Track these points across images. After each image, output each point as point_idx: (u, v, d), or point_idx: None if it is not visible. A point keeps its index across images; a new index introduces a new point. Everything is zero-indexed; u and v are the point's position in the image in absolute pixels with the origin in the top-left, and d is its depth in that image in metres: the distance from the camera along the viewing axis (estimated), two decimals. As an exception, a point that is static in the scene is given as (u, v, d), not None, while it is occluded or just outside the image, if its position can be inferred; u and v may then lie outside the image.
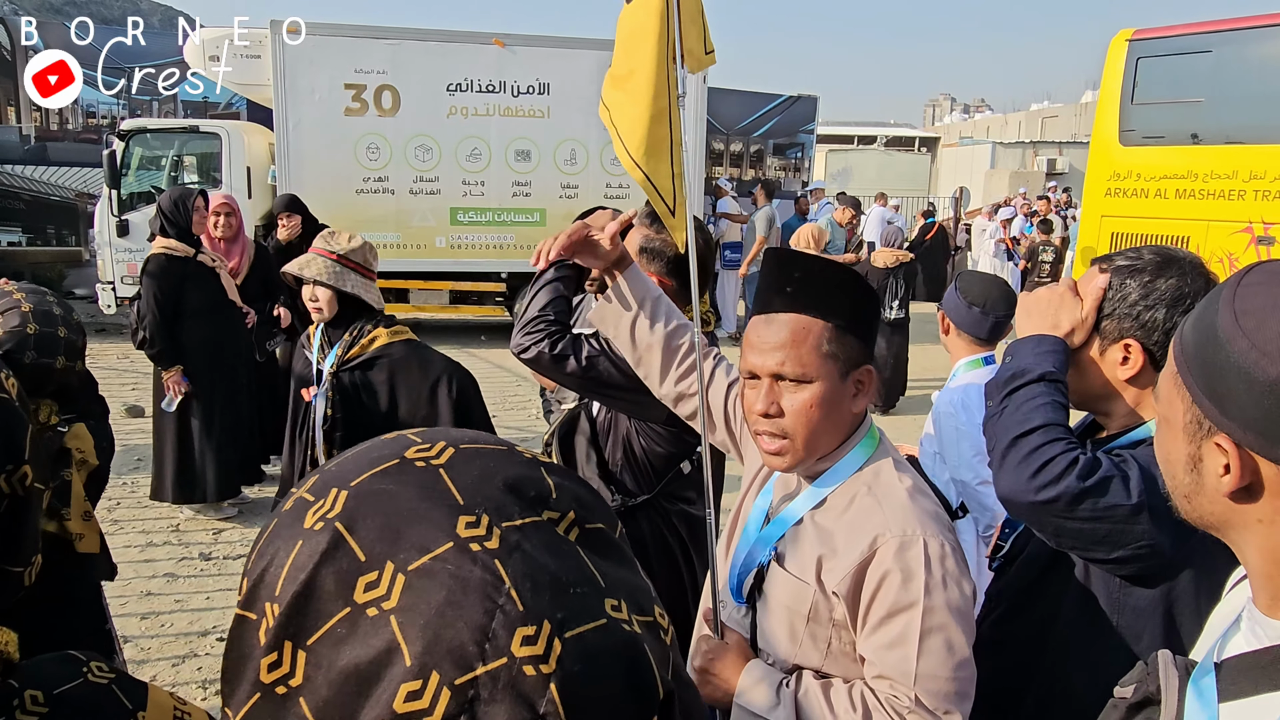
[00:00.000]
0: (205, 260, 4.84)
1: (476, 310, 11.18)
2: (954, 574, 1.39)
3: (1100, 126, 10.96)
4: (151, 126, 10.48)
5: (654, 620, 0.54)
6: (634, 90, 1.88)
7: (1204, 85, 10.03)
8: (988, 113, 64.34)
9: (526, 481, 0.55)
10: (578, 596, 0.50)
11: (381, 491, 0.52)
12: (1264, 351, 0.77)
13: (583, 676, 0.47)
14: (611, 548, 0.56)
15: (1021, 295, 1.62)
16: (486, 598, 0.48)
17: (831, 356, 1.44)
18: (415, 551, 0.49)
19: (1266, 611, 0.83)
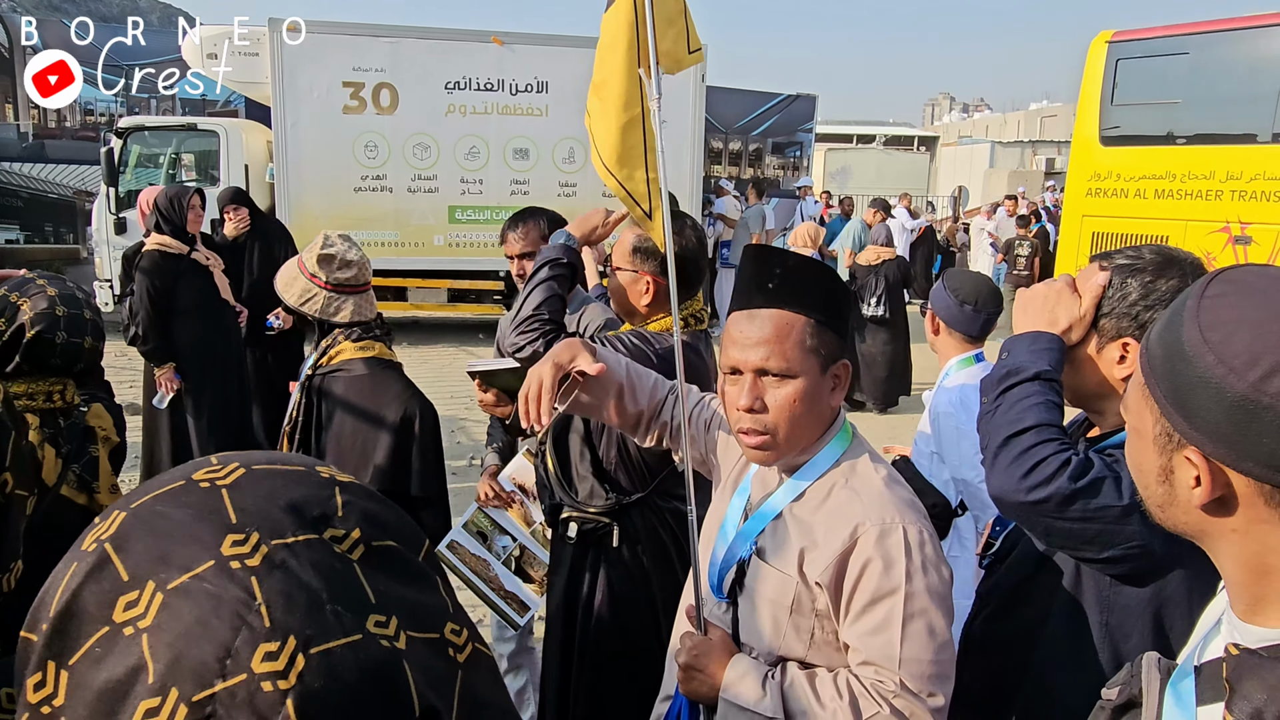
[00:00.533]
0: (199, 258, 4.83)
1: (475, 308, 11.18)
2: (933, 559, 1.42)
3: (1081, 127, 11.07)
4: (149, 124, 10.51)
5: (440, 638, 0.55)
6: (607, 99, 1.93)
7: (1181, 86, 10.18)
8: (987, 112, 64.37)
9: (312, 501, 0.55)
10: (333, 613, 0.50)
11: (157, 513, 0.53)
12: (1231, 367, 0.78)
13: (323, 692, 0.48)
14: (401, 565, 0.57)
15: (1020, 291, 1.61)
16: (236, 615, 0.48)
17: (814, 351, 1.47)
18: (176, 571, 0.50)
19: (1244, 618, 0.83)
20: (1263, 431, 0.76)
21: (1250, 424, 0.76)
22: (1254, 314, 0.79)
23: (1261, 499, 0.79)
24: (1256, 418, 0.76)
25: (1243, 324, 0.79)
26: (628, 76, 1.90)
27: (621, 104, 1.91)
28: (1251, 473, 0.78)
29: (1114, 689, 0.92)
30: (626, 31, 1.88)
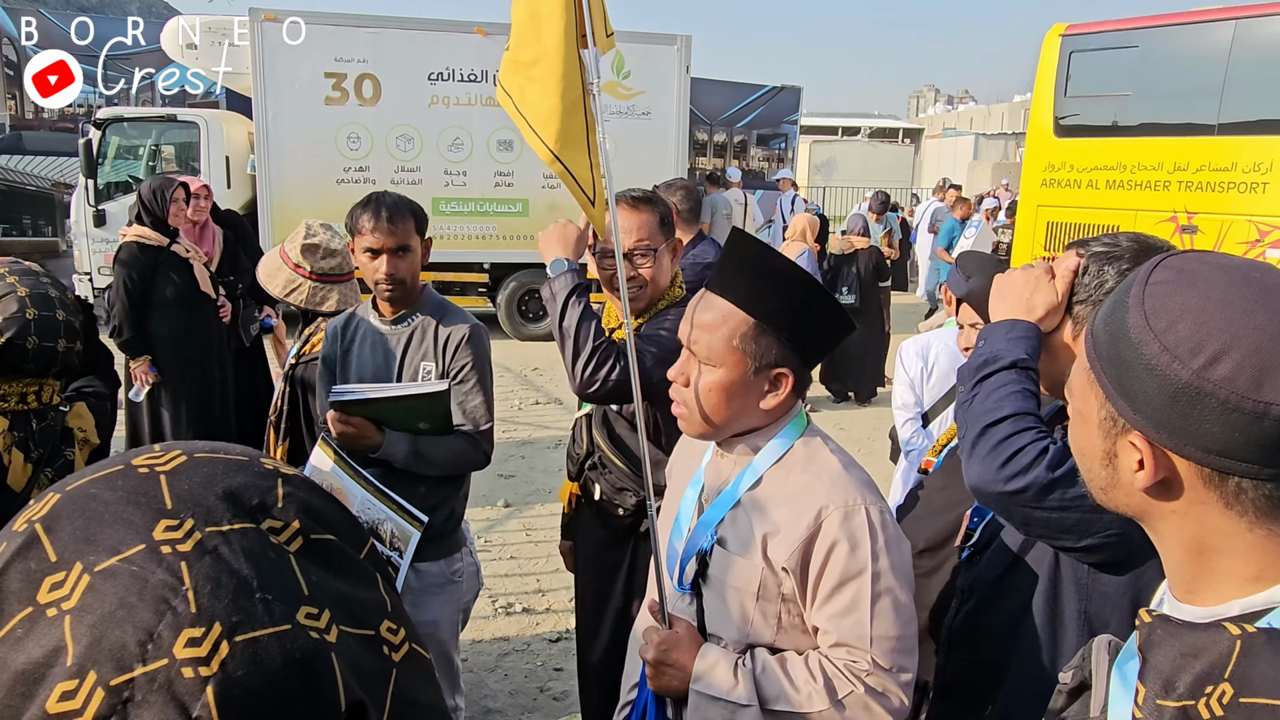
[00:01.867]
0: (179, 251, 4.78)
1: (459, 300, 11.08)
2: (894, 538, 1.47)
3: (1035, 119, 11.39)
4: (128, 115, 10.36)
5: (374, 635, 0.55)
6: (543, 79, 1.84)
7: (1131, 79, 10.48)
8: (971, 104, 64.54)
9: (251, 490, 0.55)
10: (262, 601, 0.50)
11: (90, 495, 0.52)
12: (1175, 354, 0.79)
13: (245, 681, 0.47)
14: (340, 560, 0.56)
15: (996, 278, 1.61)
16: (161, 600, 0.48)
17: (743, 350, 1.49)
18: (105, 553, 0.49)
19: (1181, 599, 0.86)
20: (1205, 417, 0.78)
21: (1193, 410, 0.78)
22: (1197, 301, 0.80)
23: (1202, 482, 0.81)
24: (1199, 404, 0.78)
25: (1186, 311, 0.80)
26: (567, 56, 1.82)
27: (562, 85, 1.83)
28: (1193, 457, 0.80)
29: (1068, 672, 0.95)
30: (563, 9, 1.82)
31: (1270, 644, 0.65)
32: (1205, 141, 9.75)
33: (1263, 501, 0.79)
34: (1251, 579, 0.81)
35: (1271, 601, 0.79)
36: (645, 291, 2.36)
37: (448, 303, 2.71)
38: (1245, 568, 0.81)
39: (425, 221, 2.60)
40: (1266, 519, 0.80)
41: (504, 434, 7.08)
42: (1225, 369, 0.77)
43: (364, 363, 2.59)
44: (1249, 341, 0.77)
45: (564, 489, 2.70)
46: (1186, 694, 0.67)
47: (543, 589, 4.44)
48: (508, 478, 6.07)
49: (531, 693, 3.59)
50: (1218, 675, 0.66)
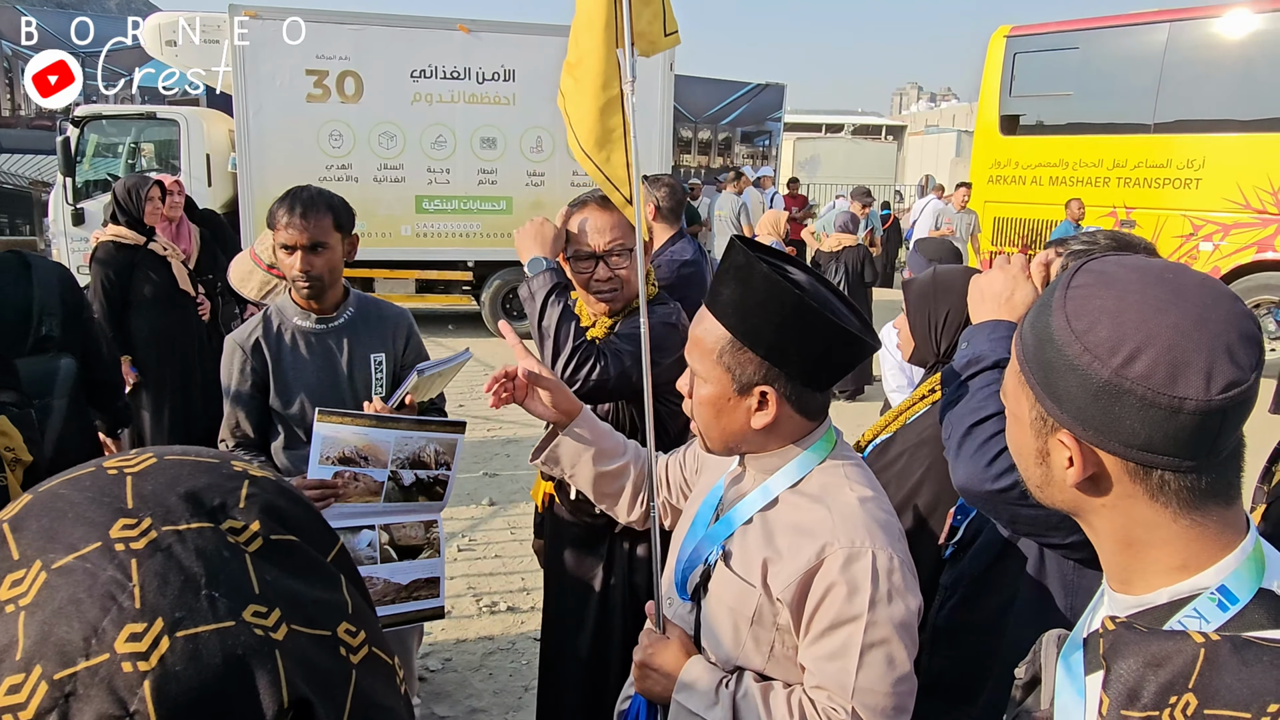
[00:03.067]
0: (156, 249, 4.74)
1: (443, 299, 11.09)
2: (900, 588, 1.36)
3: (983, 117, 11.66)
4: (107, 113, 10.25)
5: (331, 636, 0.55)
6: (583, 79, 1.86)
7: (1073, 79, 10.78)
8: (954, 101, 64.90)
9: (213, 490, 0.56)
10: (208, 599, 0.50)
11: (57, 495, 0.54)
12: (1095, 354, 0.83)
13: (183, 675, 0.48)
14: (300, 560, 0.57)
15: (974, 279, 1.61)
16: (109, 595, 0.49)
17: (724, 367, 1.42)
18: (63, 551, 0.50)
19: (1117, 589, 0.90)
20: (1125, 414, 0.82)
21: (1114, 407, 0.82)
22: (1114, 303, 0.84)
23: (1128, 476, 0.85)
24: (1119, 401, 0.82)
25: (1104, 313, 0.84)
26: (606, 56, 1.83)
27: (600, 84, 1.84)
28: (1117, 452, 0.84)
29: (1022, 667, 0.98)
30: (605, 9, 1.82)
31: (1235, 653, 0.65)
32: (1142, 139, 10.08)
33: (1185, 493, 0.83)
34: (1178, 568, 0.84)
35: (1196, 588, 0.83)
36: (622, 292, 2.34)
37: (368, 295, 2.76)
38: (1172, 557, 0.85)
39: (348, 217, 2.51)
40: (1190, 509, 0.83)
41: (488, 432, 7.06)
42: (1141, 367, 0.80)
43: (301, 365, 2.52)
44: (1163, 339, 0.80)
45: (536, 488, 2.67)
46: (1151, 704, 0.67)
47: (527, 587, 4.43)
48: (492, 476, 6.05)
49: (516, 691, 3.58)
50: (1181, 685, 0.66)
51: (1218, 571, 0.83)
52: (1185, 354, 0.80)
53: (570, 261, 2.38)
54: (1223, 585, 0.82)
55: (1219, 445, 0.81)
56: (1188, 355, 0.79)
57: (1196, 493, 0.83)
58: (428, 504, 2.46)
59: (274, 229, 2.45)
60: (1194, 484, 0.82)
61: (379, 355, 2.57)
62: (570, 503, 2.49)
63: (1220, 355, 0.79)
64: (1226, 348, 0.80)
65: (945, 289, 2.11)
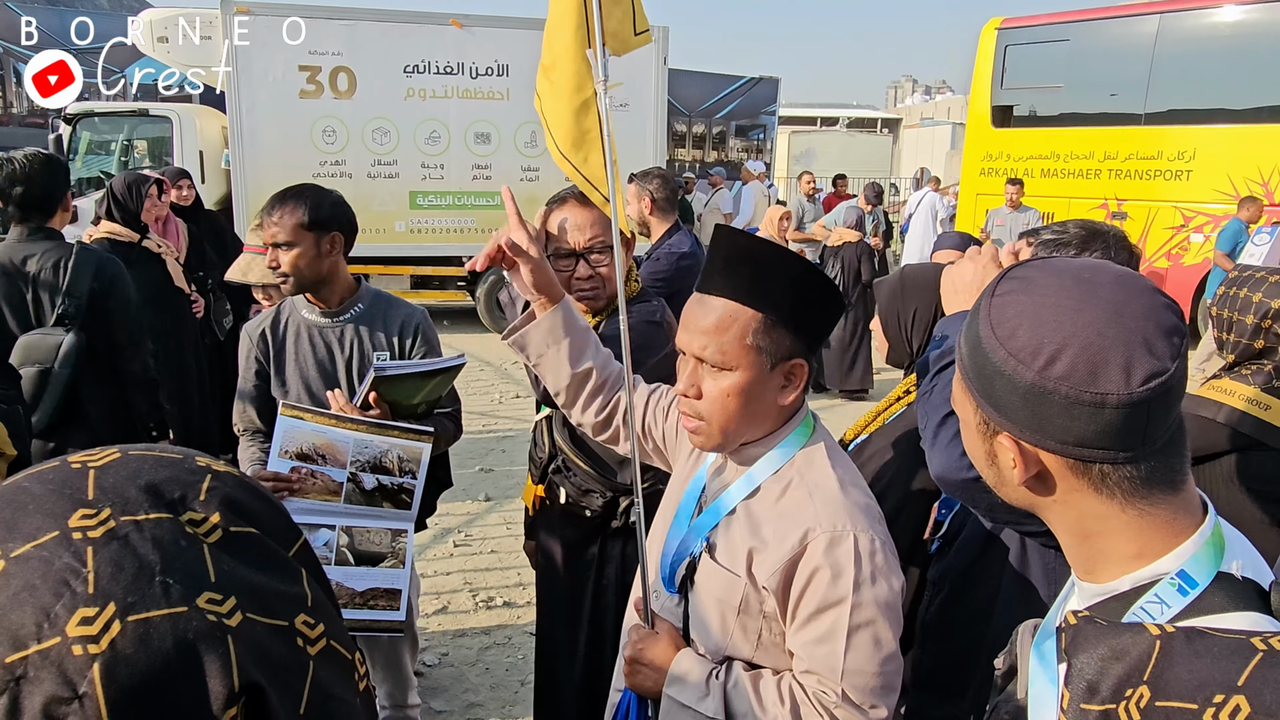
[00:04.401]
0: (150, 246, 4.73)
1: (438, 295, 11.08)
2: (883, 569, 1.38)
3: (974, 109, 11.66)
4: (99, 110, 10.22)
5: (289, 627, 0.56)
6: (557, 81, 1.88)
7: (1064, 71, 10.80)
8: (949, 94, 64.86)
9: (174, 484, 0.57)
10: (162, 585, 0.51)
11: (20, 489, 0.55)
12: (1019, 359, 0.85)
13: (133, 659, 0.49)
14: (259, 553, 0.58)
15: (946, 270, 1.62)
16: (63, 581, 0.49)
17: (756, 348, 1.41)
18: (22, 540, 0.51)
19: (1082, 578, 0.93)
20: (1053, 413, 0.84)
21: (1042, 407, 0.85)
22: (1033, 307, 0.87)
23: (1070, 472, 0.87)
24: (1046, 401, 0.84)
25: (1024, 317, 0.87)
26: (578, 57, 1.85)
27: (573, 86, 1.85)
28: (1055, 449, 0.86)
29: (1000, 658, 1.01)
30: (575, 11, 1.84)
31: (1188, 644, 0.66)
32: (1133, 131, 10.09)
33: (1126, 483, 0.86)
34: (1134, 556, 0.87)
35: (1156, 574, 0.85)
36: (604, 290, 2.34)
37: (386, 293, 2.74)
38: (1126, 546, 0.87)
39: (329, 214, 2.50)
40: (1135, 499, 0.86)
41: (484, 428, 7.07)
42: (1062, 367, 0.83)
43: (303, 361, 2.57)
44: (1080, 339, 0.83)
45: (527, 491, 2.68)
46: (1109, 697, 0.68)
47: (523, 582, 4.45)
48: (488, 472, 6.07)
49: (513, 686, 3.60)
50: (1137, 678, 0.67)
51: (1176, 557, 0.85)
52: (1103, 351, 0.82)
53: (550, 260, 2.38)
54: (1182, 570, 0.84)
55: (1151, 435, 0.84)
56: (1105, 352, 0.82)
57: (1138, 482, 0.85)
58: (396, 512, 2.41)
59: None
60: (1133, 474, 0.85)
61: (382, 354, 2.57)
62: (561, 505, 2.49)
63: (1138, 349, 0.82)
64: (1144, 341, 0.82)
65: (912, 287, 2.12)
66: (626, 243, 2.40)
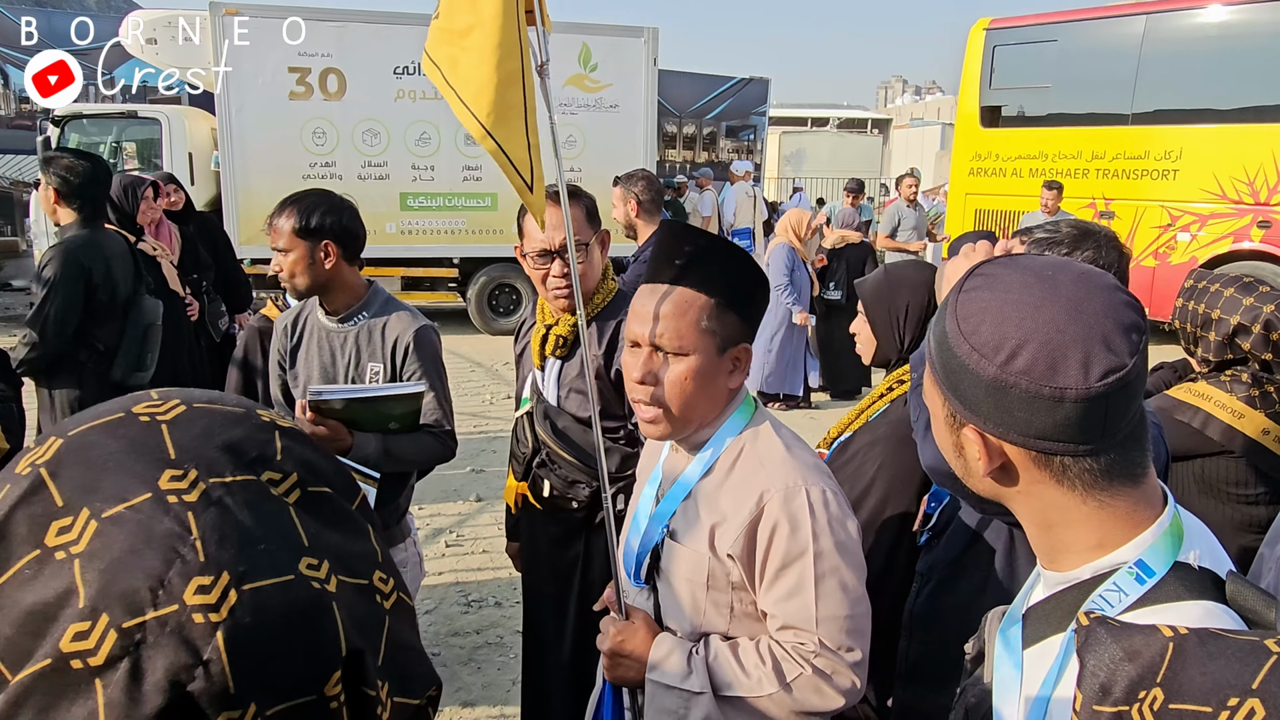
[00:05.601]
0: (146, 248, 4.73)
1: (429, 296, 11.06)
2: (838, 516, 1.46)
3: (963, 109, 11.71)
4: (88, 112, 10.18)
5: (368, 584, 0.57)
6: (477, 48, 1.70)
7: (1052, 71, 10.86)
8: (939, 94, 65.04)
9: (250, 443, 0.57)
10: (265, 552, 0.52)
11: (93, 443, 0.54)
12: (982, 353, 0.88)
13: (253, 627, 0.50)
14: (335, 512, 0.58)
15: (941, 266, 1.65)
16: (170, 548, 0.49)
17: (710, 332, 1.49)
18: (112, 500, 0.51)
19: (1046, 566, 0.95)
20: (1015, 406, 0.87)
21: (1004, 400, 0.87)
22: (996, 303, 0.89)
23: (1033, 464, 0.90)
24: (1007, 395, 0.87)
25: (987, 313, 0.89)
26: (505, 25, 1.68)
27: (498, 56, 1.67)
28: (1017, 442, 0.88)
29: (970, 643, 1.03)
30: None
31: (1201, 646, 0.66)
32: (1120, 131, 10.15)
33: (1086, 475, 0.88)
34: (1094, 546, 0.89)
35: (1115, 563, 0.88)
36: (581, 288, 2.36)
37: (395, 301, 2.70)
38: (1087, 536, 0.90)
39: (319, 225, 2.51)
40: (1095, 491, 0.88)
41: (475, 428, 7.07)
42: (1023, 361, 0.85)
43: (310, 360, 2.61)
44: (1040, 335, 0.85)
45: (509, 489, 2.68)
46: (1122, 699, 0.68)
47: (514, 582, 4.45)
48: (479, 472, 6.08)
49: (505, 685, 3.62)
50: (1150, 680, 0.67)
51: (1135, 546, 0.88)
52: (1062, 347, 0.84)
53: (526, 259, 2.40)
54: (1140, 560, 0.87)
55: (1110, 429, 0.86)
56: (1064, 348, 0.84)
57: (1098, 474, 0.87)
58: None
59: None
60: (1094, 466, 0.87)
61: (376, 366, 2.56)
62: (544, 500, 2.49)
63: (1096, 345, 0.84)
64: (1102, 337, 0.84)
65: (901, 283, 2.15)
66: (602, 242, 2.43)
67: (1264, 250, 9.07)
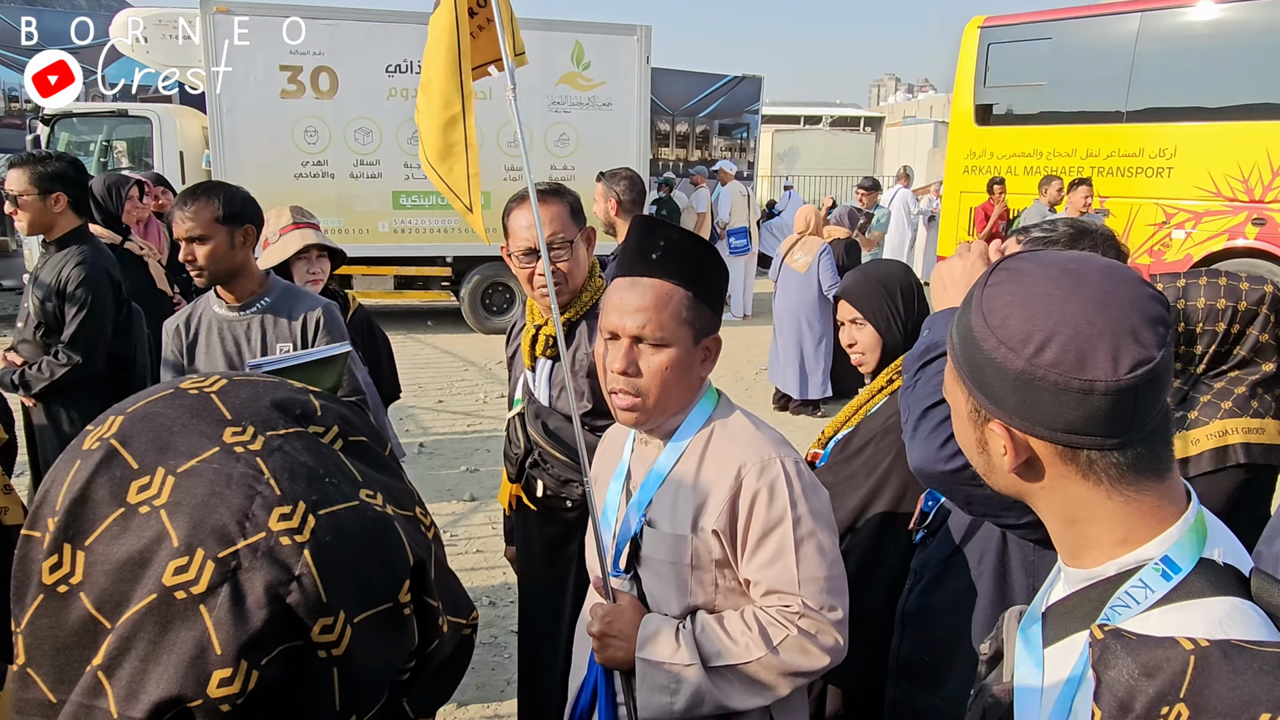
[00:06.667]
0: (132, 248, 4.69)
1: (422, 295, 11.04)
2: (811, 484, 1.55)
3: (957, 107, 11.78)
4: (78, 111, 10.12)
5: (413, 516, 0.65)
6: (430, 98, 2.08)
7: (1046, 69, 10.92)
8: (931, 92, 65.21)
9: (293, 402, 0.64)
10: (331, 485, 0.59)
11: (154, 413, 0.60)
12: (1010, 347, 0.87)
13: (333, 544, 0.57)
14: (374, 457, 0.67)
15: (935, 267, 1.63)
16: (247, 486, 0.57)
17: (688, 323, 1.55)
18: (184, 457, 0.57)
19: (1068, 563, 0.95)
20: (1042, 400, 0.86)
21: (1032, 394, 0.87)
22: (1023, 296, 0.89)
23: (1059, 458, 0.89)
24: (1035, 388, 0.86)
25: (1014, 306, 0.89)
26: (448, 77, 2.04)
27: (442, 102, 2.06)
28: (1044, 436, 0.88)
29: (986, 643, 1.02)
30: (447, 35, 2.04)
31: (1225, 660, 0.65)
32: (1115, 129, 10.20)
33: (1113, 469, 0.87)
34: (1120, 542, 0.88)
35: (1140, 560, 0.87)
36: (565, 286, 2.37)
37: (295, 287, 2.80)
38: (1112, 532, 0.89)
39: (240, 211, 2.58)
40: (1121, 485, 0.87)
41: (469, 428, 7.05)
42: (1051, 354, 0.85)
43: (213, 353, 2.63)
44: (1069, 327, 0.85)
45: (503, 491, 2.67)
46: (1143, 716, 0.66)
47: (508, 582, 4.44)
48: (473, 471, 6.05)
49: (499, 685, 3.60)
50: (1173, 695, 0.65)
51: (1160, 543, 0.87)
52: (1090, 339, 0.84)
53: (512, 258, 2.40)
54: (1166, 556, 0.86)
55: (1138, 422, 0.85)
56: (1093, 340, 0.84)
57: (1125, 468, 0.87)
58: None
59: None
60: (1121, 460, 0.86)
61: (285, 345, 2.62)
62: (538, 500, 2.49)
63: (1124, 337, 0.84)
64: (1130, 329, 0.84)
65: (889, 276, 2.16)
66: (588, 239, 2.44)
67: (1259, 247, 9.09)
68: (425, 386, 7.98)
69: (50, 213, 3.49)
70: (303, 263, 3.23)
